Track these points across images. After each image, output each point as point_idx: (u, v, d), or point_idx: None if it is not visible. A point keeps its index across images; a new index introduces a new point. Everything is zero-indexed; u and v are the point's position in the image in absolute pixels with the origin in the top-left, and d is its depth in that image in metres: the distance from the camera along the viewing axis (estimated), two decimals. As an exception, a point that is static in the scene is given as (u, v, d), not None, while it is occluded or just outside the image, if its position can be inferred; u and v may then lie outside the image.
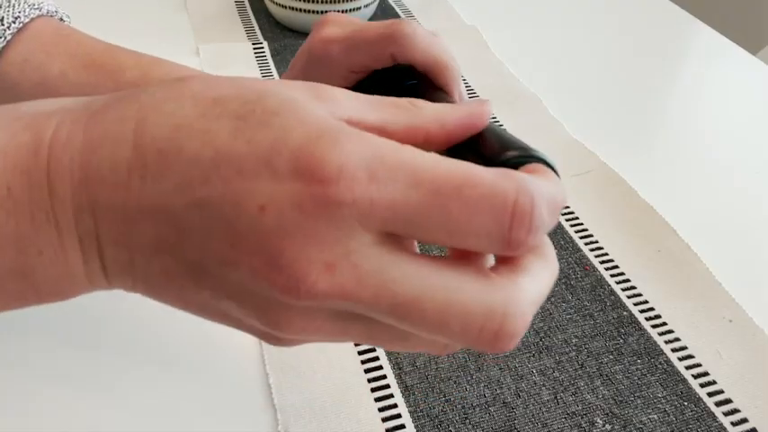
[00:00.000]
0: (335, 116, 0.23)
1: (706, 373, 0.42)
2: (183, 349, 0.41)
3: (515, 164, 0.24)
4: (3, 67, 0.42)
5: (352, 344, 0.42)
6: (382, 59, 0.35)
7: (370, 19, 0.78)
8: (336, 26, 0.37)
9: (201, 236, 0.21)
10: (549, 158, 0.25)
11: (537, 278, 0.22)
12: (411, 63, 0.35)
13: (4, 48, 0.41)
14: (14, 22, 0.41)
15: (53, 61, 0.42)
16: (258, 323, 0.23)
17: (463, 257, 0.22)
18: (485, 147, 0.25)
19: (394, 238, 0.21)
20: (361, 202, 0.20)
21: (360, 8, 0.75)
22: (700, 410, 0.40)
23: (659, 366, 0.42)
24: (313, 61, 0.37)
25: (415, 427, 0.38)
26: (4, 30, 0.41)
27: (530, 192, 0.20)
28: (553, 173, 0.24)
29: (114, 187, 0.22)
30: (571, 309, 0.46)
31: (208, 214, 0.21)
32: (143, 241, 0.22)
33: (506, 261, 0.22)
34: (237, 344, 0.41)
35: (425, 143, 0.24)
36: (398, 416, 0.38)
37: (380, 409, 0.38)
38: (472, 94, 0.68)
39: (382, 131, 0.23)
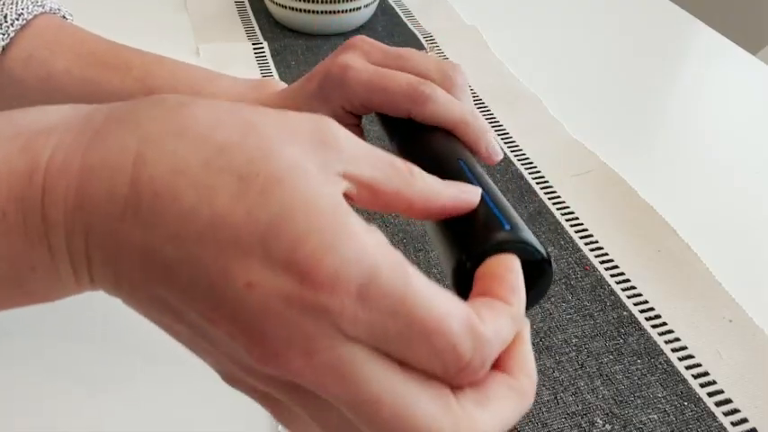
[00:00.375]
0: (334, 169, 0.23)
1: (706, 373, 0.42)
2: (183, 349, 0.41)
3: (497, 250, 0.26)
4: (7, 63, 0.42)
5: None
6: (398, 112, 0.36)
7: (370, 19, 0.78)
8: (361, 57, 0.37)
9: (186, 289, 0.21)
10: (537, 243, 0.26)
11: (496, 415, 0.23)
12: (429, 123, 0.35)
13: (7, 45, 0.41)
14: (18, 19, 0.42)
15: (57, 58, 0.42)
16: (227, 363, 0.23)
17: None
18: (476, 222, 0.27)
19: None
20: (347, 316, 0.20)
21: (360, 8, 0.74)
22: (700, 410, 0.40)
23: (659, 366, 0.42)
24: (330, 82, 0.37)
25: (415, 426, 0.38)
26: (8, 26, 0.41)
27: (483, 355, 0.22)
28: (518, 272, 0.25)
29: (109, 218, 0.22)
30: (571, 309, 0.46)
31: (196, 272, 0.21)
32: (131, 272, 0.22)
33: (475, 385, 0.23)
34: (237, 344, 0.41)
35: (407, 212, 0.26)
36: (398, 416, 0.38)
37: (380, 409, 0.38)
38: (472, 94, 0.68)
39: (371, 189, 0.24)
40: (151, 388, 0.39)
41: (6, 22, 0.41)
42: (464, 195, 0.27)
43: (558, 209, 0.54)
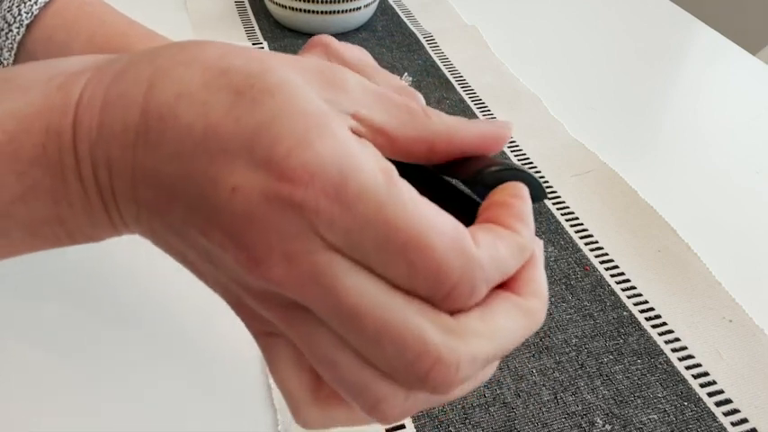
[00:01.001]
0: (341, 108, 0.23)
1: (706, 373, 0.42)
2: (183, 349, 0.41)
3: (494, 179, 0.24)
4: (29, 45, 0.42)
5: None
6: None
7: (370, 19, 0.78)
8: (321, 57, 0.36)
9: (187, 205, 0.22)
10: (531, 174, 0.24)
11: (496, 329, 0.21)
12: None
13: (31, 23, 0.41)
14: None
15: (73, 41, 0.42)
16: (231, 286, 0.23)
17: None
18: (469, 163, 0.25)
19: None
20: (323, 216, 0.20)
21: (360, 8, 0.75)
22: (700, 410, 0.40)
23: (659, 366, 0.42)
24: None
25: (415, 427, 0.38)
26: (32, 5, 0.41)
27: (474, 280, 0.21)
28: (526, 199, 0.23)
29: (124, 148, 0.23)
30: (571, 309, 0.46)
31: (193, 186, 0.22)
32: (145, 200, 0.23)
33: (479, 302, 0.22)
34: (237, 344, 0.41)
35: (428, 155, 0.24)
36: (398, 416, 0.38)
37: (380, 409, 0.38)
38: (472, 94, 0.68)
39: (385, 135, 0.24)
40: (153, 384, 0.39)
41: (30, 0, 0.41)
42: (493, 130, 0.25)
43: (558, 209, 0.54)
